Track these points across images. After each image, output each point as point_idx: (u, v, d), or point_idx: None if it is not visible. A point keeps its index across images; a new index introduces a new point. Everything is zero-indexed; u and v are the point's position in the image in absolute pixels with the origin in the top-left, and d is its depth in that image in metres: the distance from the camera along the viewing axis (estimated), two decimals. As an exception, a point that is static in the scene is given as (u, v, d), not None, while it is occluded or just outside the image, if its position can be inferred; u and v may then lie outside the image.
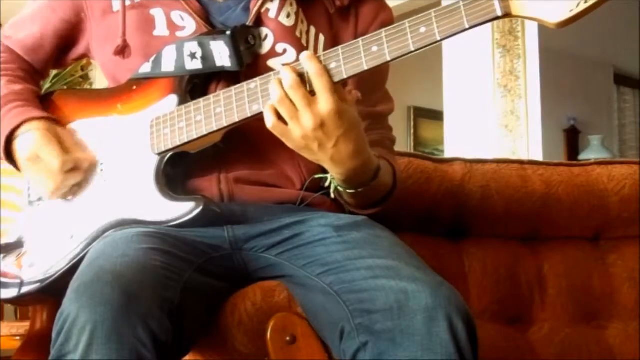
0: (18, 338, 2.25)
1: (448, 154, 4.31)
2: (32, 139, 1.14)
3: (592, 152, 4.43)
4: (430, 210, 1.56)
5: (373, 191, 1.13)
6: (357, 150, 1.03)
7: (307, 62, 0.99)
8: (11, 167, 1.20)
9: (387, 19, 1.25)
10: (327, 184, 1.13)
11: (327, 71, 0.99)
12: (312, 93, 0.99)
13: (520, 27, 3.95)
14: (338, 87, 1.00)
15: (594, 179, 1.66)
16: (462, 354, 0.89)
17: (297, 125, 0.99)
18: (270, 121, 1.00)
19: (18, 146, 1.15)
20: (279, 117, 1.00)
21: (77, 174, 1.16)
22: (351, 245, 1.04)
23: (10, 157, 1.18)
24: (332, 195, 1.14)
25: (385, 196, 1.17)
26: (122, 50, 1.18)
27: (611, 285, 1.64)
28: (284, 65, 1.02)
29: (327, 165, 1.06)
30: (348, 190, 1.11)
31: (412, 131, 6.52)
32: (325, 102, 0.98)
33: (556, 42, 3.96)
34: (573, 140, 4.63)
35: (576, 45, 4.35)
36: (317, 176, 1.16)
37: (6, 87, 1.21)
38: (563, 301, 1.60)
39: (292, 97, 0.98)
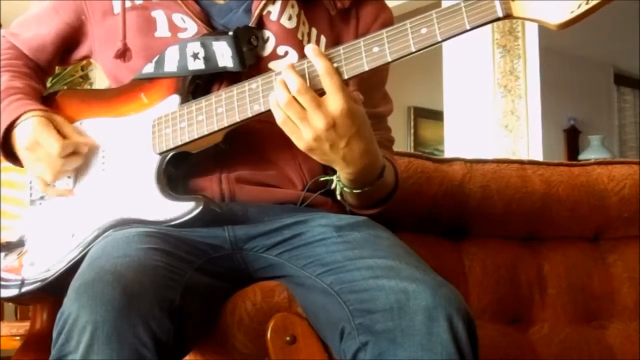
0: (18, 338, 2.25)
1: (448, 154, 4.31)
2: (30, 127, 1.14)
3: (592, 152, 4.43)
4: (430, 210, 1.56)
5: (377, 190, 1.12)
6: (368, 148, 1.03)
7: (316, 60, 0.98)
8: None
9: (387, 19, 1.25)
10: (333, 186, 1.13)
11: (337, 70, 0.98)
12: (320, 92, 0.98)
13: (520, 27, 3.95)
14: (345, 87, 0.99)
15: (594, 179, 1.66)
16: (462, 354, 0.89)
17: (307, 126, 0.98)
18: (280, 118, 0.99)
19: (17, 136, 1.16)
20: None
21: (77, 158, 1.17)
22: (351, 245, 1.03)
23: (10, 153, 1.18)
24: (338, 197, 1.14)
25: (388, 196, 1.17)
26: (123, 54, 1.18)
27: (611, 285, 1.64)
28: (287, 66, 1.00)
29: (338, 165, 1.05)
30: (354, 191, 1.10)
31: (412, 131, 6.51)
32: (336, 101, 0.97)
33: (556, 42, 3.96)
34: (573, 140, 4.63)
35: (576, 45, 4.35)
36: (322, 178, 1.15)
37: (8, 82, 1.22)
38: (563, 301, 1.60)
39: (301, 100, 0.97)
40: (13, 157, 1.19)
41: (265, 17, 1.16)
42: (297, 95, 0.97)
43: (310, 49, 0.99)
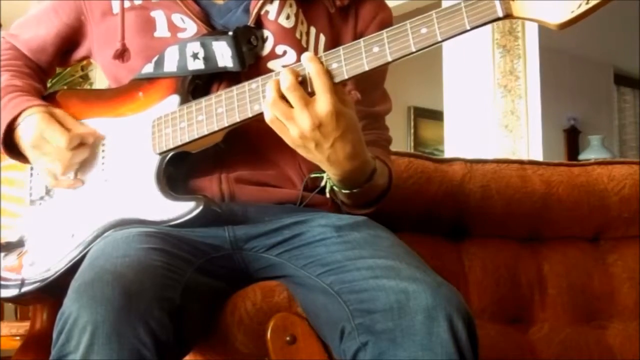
0: (18, 338, 2.25)
1: (448, 154, 4.31)
2: (33, 123, 1.15)
3: (592, 152, 4.43)
4: (430, 210, 1.56)
5: (367, 192, 1.13)
6: (354, 152, 1.03)
7: (308, 63, 0.99)
8: (13, 161, 1.20)
9: (385, 18, 1.25)
10: (322, 183, 1.13)
11: (328, 72, 0.99)
12: (312, 94, 0.99)
13: (520, 27, 3.95)
14: (338, 89, 1.00)
15: (594, 179, 1.66)
16: (462, 354, 0.89)
17: (293, 125, 0.99)
18: (268, 116, 1.00)
19: (21, 134, 1.16)
20: None
21: (84, 149, 1.17)
22: (351, 245, 1.04)
23: (12, 149, 1.18)
24: (327, 195, 1.15)
25: (379, 196, 1.18)
26: (121, 54, 1.18)
27: (611, 285, 1.64)
28: (284, 66, 1.01)
29: (323, 165, 1.06)
30: (343, 190, 1.11)
31: (412, 131, 6.51)
32: (323, 102, 0.98)
33: (556, 42, 3.96)
34: (573, 140, 4.62)
35: (576, 45, 4.35)
36: (312, 175, 1.16)
37: (7, 81, 1.22)
38: (563, 301, 1.60)
39: (290, 98, 0.98)
40: (18, 154, 1.19)
41: (263, 17, 1.17)
42: (287, 92, 0.98)
43: (305, 55, 1.00)
